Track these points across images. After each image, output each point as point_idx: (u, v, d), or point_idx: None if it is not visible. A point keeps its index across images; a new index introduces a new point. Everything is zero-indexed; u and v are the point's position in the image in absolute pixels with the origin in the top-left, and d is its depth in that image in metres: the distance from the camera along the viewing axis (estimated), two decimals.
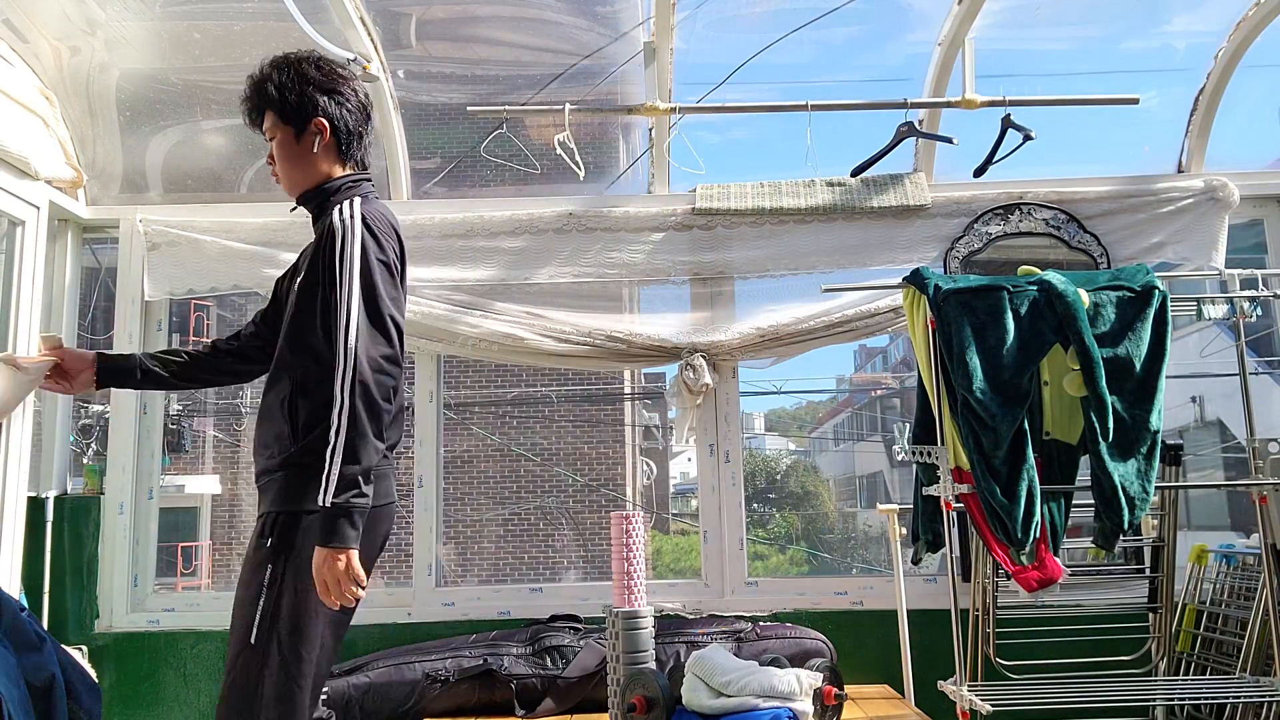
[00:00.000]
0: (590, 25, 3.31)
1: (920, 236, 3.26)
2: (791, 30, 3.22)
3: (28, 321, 3.01)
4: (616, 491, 11.13)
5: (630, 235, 3.26)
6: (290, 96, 1.95)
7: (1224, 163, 3.31)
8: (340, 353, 1.77)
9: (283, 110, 1.96)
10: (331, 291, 1.84)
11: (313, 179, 1.99)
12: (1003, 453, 2.46)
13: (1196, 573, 3.11)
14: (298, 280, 1.96)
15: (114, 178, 3.39)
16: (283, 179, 1.99)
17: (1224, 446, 9.14)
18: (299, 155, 1.97)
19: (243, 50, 3.24)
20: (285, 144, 1.97)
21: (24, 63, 3.04)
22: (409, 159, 3.39)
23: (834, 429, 21.16)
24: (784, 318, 3.21)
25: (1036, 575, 2.49)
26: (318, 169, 1.99)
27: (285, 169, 1.98)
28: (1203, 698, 2.78)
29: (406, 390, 2.19)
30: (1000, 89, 3.09)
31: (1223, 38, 3.18)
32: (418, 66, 3.35)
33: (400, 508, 2.13)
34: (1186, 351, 6.62)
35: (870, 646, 3.06)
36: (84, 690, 2.53)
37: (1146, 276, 2.60)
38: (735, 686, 2.38)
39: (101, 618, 3.13)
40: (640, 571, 2.60)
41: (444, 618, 3.14)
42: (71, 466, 3.27)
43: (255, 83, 1.97)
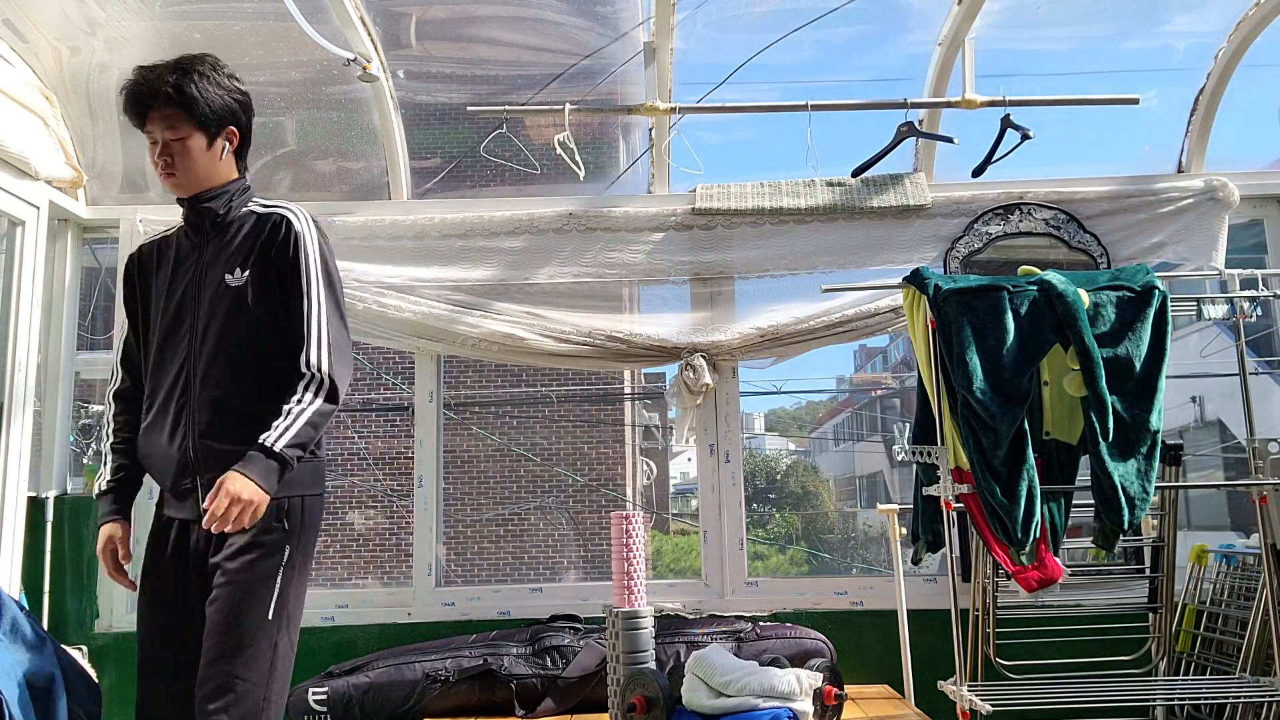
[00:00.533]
0: (590, 25, 3.31)
1: (920, 236, 3.26)
2: (791, 30, 3.22)
3: (28, 321, 3.01)
4: (616, 491, 11.13)
5: (630, 235, 3.26)
6: (212, 104, 1.99)
7: (1224, 163, 3.31)
8: (315, 361, 1.97)
9: (200, 116, 1.98)
10: (296, 296, 2.00)
11: (216, 179, 2.05)
12: (1003, 453, 2.46)
13: (1196, 573, 3.11)
14: (232, 275, 2.01)
15: (114, 178, 3.39)
16: (181, 177, 2.01)
17: (1224, 446, 9.14)
18: (209, 159, 2.03)
19: (243, 50, 3.24)
20: (196, 148, 2.00)
21: (24, 63, 3.04)
22: (409, 159, 3.39)
23: (834, 429, 21.16)
24: (784, 318, 3.21)
25: (1036, 575, 2.49)
26: (222, 171, 2.07)
27: (189, 168, 2.01)
28: (1203, 698, 2.78)
29: (406, 390, 2.22)
30: (1000, 89, 3.09)
31: (1223, 38, 3.18)
32: (418, 66, 3.35)
33: (400, 507, 2.15)
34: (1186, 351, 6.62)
35: (870, 646, 3.06)
36: (84, 690, 2.53)
37: (1146, 276, 2.60)
38: (735, 686, 2.39)
39: (101, 618, 3.13)
40: (640, 571, 2.59)
41: (444, 618, 3.14)
42: (71, 466, 3.27)
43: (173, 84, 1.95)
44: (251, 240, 2.03)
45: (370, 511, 11.15)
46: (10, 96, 2.90)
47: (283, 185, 3.60)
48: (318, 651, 3.08)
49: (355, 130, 3.43)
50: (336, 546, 11.10)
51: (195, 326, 2.00)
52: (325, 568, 11.05)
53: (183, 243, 2.10)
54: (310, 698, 2.80)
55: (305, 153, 3.58)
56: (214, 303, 2.00)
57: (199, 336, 1.99)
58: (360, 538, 11.10)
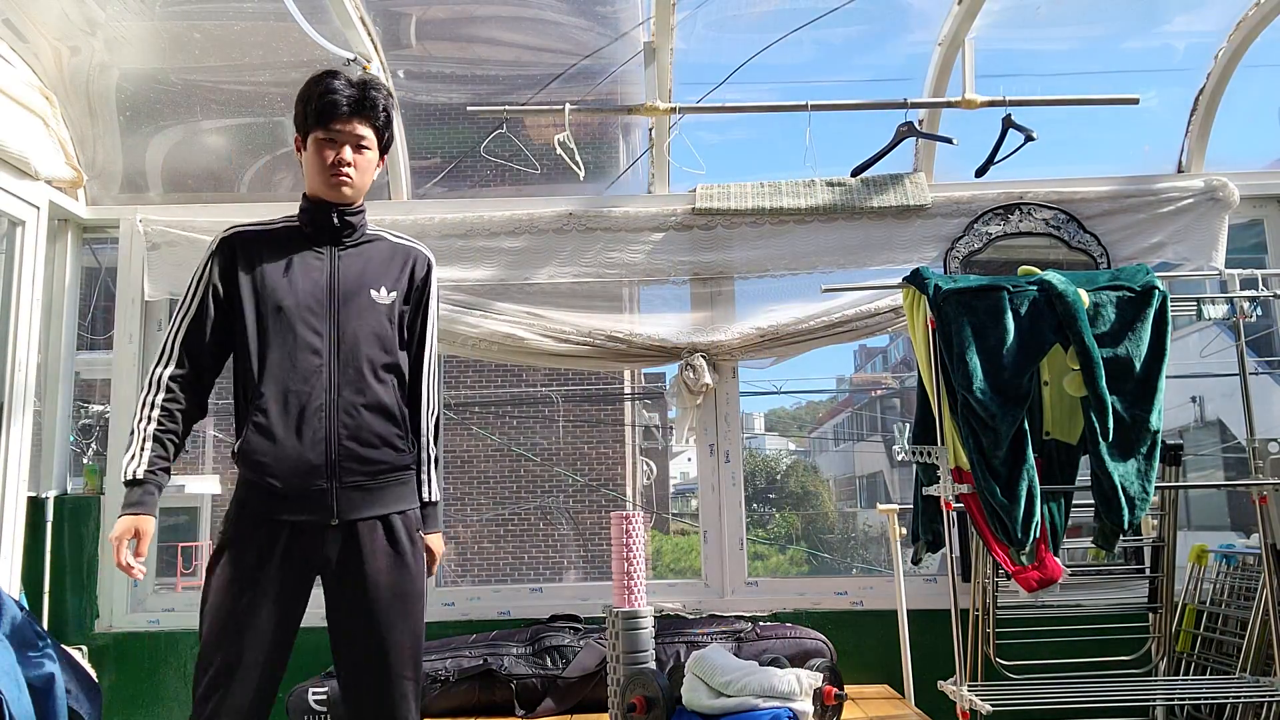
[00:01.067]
0: (590, 25, 3.31)
1: (920, 236, 3.26)
2: (791, 30, 3.22)
3: (28, 321, 3.01)
4: (616, 491, 11.13)
5: (630, 235, 3.26)
6: (391, 132, 2.14)
7: (1224, 163, 3.31)
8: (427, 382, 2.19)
9: (384, 140, 2.12)
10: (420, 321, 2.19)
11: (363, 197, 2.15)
12: (1003, 453, 2.46)
13: (1196, 573, 3.11)
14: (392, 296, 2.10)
15: (114, 178, 3.39)
16: (350, 187, 2.07)
17: (1224, 446, 9.14)
18: (371, 177, 2.13)
19: (243, 50, 3.24)
20: (371, 164, 2.10)
21: (24, 63, 3.04)
22: (409, 159, 3.39)
23: (834, 429, 21.17)
24: (784, 318, 3.21)
25: (1036, 575, 2.49)
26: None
27: (361, 182, 2.09)
28: (1203, 698, 2.78)
29: None
30: (1000, 89, 3.09)
31: (1223, 38, 3.18)
32: (418, 66, 3.35)
33: None
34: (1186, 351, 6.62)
35: (870, 646, 3.06)
36: (84, 690, 2.53)
37: (1146, 276, 2.60)
38: (735, 686, 2.39)
39: (101, 618, 3.13)
40: (640, 571, 2.60)
41: (444, 618, 3.14)
42: (71, 466, 3.27)
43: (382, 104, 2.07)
44: (398, 266, 2.13)
45: None
46: (10, 96, 2.90)
47: (283, 185, 3.60)
48: (318, 651, 3.07)
49: None
50: None
51: (334, 333, 2.01)
52: None
53: (295, 244, 2.08)
54: (310, 698, 2.80)
55: None
56: (360, 314, 2.04)
57: (339, 343, 2.01)
58: None
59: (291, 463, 1.95)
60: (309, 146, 2.04)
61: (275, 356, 1.99)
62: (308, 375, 1.98)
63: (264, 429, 1.96)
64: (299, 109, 2.05)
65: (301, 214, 2.10)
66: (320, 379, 1.98)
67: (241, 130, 3.49)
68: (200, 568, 11.78)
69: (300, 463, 1.95)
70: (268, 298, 2.01)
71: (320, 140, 2.02)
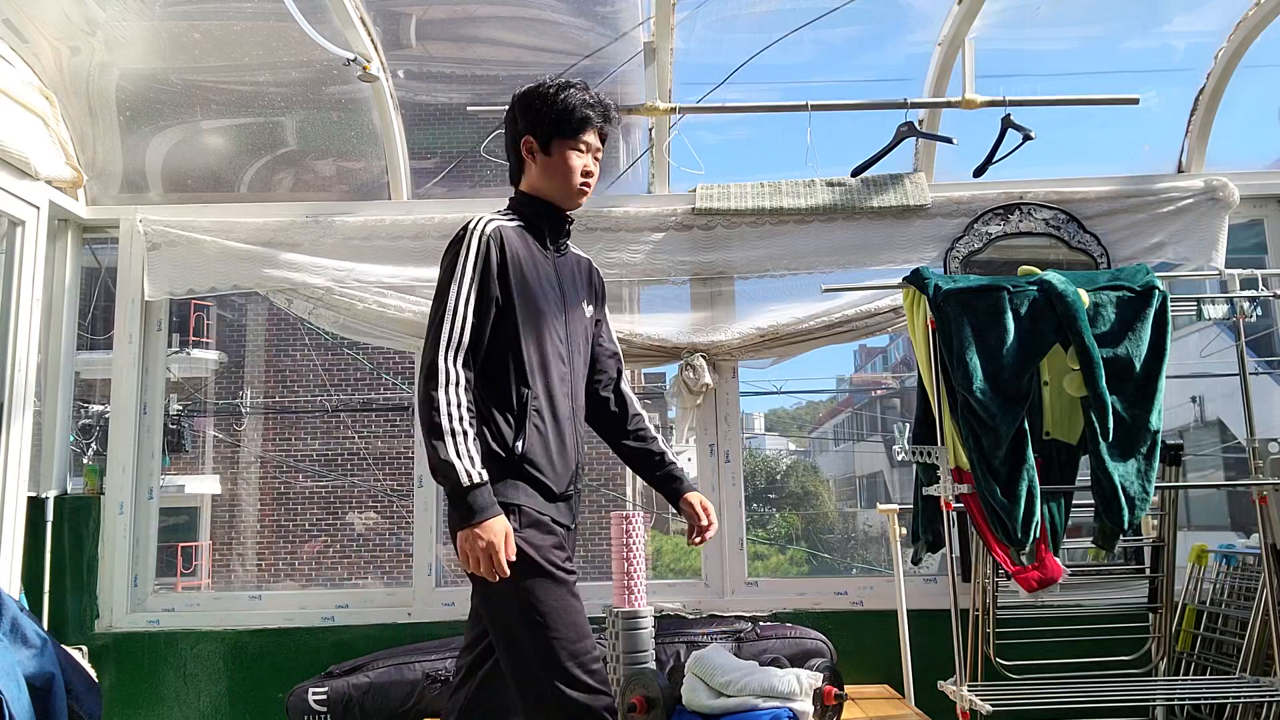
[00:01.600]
0: (590, 25, 3.31)
1: (920, 236, 3.26)
2: (791, 30, 3.21)
3: (28, 321, 3.01)
4: (616, 491, 11.12)
5: (630, 235, 3.26)
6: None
7: (1224, 163, 3.31)
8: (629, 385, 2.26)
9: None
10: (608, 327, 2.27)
11: None
12: (1003, 453, 2.46)
13: (1196, 573, 3.11)
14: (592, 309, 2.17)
15: (114, 178, 3.39)
16: (589, 194, 2.10)
17: (1224, 446, 9.15)
18: None
19: (243, 50, 3.24)
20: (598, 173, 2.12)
21: (24, 62, 3.04)
22: (409, 159, 3.39)
23: (834, 429, 21.16)
24: (784, 318, 3.21)
25: (1036, 575, 2.49)
26: None
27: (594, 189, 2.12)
28: (1203, 698, 2.78)
29: (406, 390, 2.24)
30: (1000, 89, 3.09)
31: (1223, 38, 3.18)
32: (418, 66, 3.35)
33: (400, 507, 2.15)
34: (1186, 351, 6.62)
35: (870, 646, 3.06)
36: (84, 690, 2.53)
37: (1146, 276, 2.60)
38: (735, 686, 2.38)
39: (101, 618, 3.13)
40: (640, 571, 2.59)
41: (444, 618, 3.14)
42: (71, 466, 3.27)
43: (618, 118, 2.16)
44: (584, 277, 2.18)
45: (370, 512, 11.15)
46: (10, 96, 2.90)
47: (283, 185, 3.60)
48: (318, 651, 3.08)
49: (355, 130, 3.43)
50: (337, 546, 11.11)
51: (568, 341, 2.05)
52: (325, 568, 11.06)
53: (534, 248, 2.05)
54: (310, 698, 2.80)
55: (305, 153, 3.59)
56: (580, 323, 2.11)
57: (571, 351, 2.05)
58: (360, 538, 11.11)
59: (559, 468, 1.98)
60: (554, 152, 2.03)
61: (537, 360, 1.97)
62: (560, 381, 2.01)
63: (541, 432, 1.95)
64: (544, 112, 2.02)
65: (534, 215, 2.07)
66: (566, 386, 2.03)
67: (241, 130, 3.49)
68: (200, 568, 11.79)
69: (565, 469, 2.00)
70: (529, 298, 1.98)
71: (569, 148, 2.03)
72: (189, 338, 12.07)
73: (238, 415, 11.96)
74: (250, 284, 3.24)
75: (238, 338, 12.21)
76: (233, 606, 3.25)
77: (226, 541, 11.56)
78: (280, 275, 3.20)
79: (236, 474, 11.76)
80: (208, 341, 12.37)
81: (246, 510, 11.48)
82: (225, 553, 11.62)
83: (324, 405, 11.52)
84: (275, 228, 3.25)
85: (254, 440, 11.73)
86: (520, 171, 2.10)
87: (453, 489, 1.79)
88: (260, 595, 3.31)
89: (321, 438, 11.44)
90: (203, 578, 11.64)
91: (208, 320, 12.36)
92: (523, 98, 2.06)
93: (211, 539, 11.89)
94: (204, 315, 12.26)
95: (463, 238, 1.96)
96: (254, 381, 11.93)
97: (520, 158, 2.08)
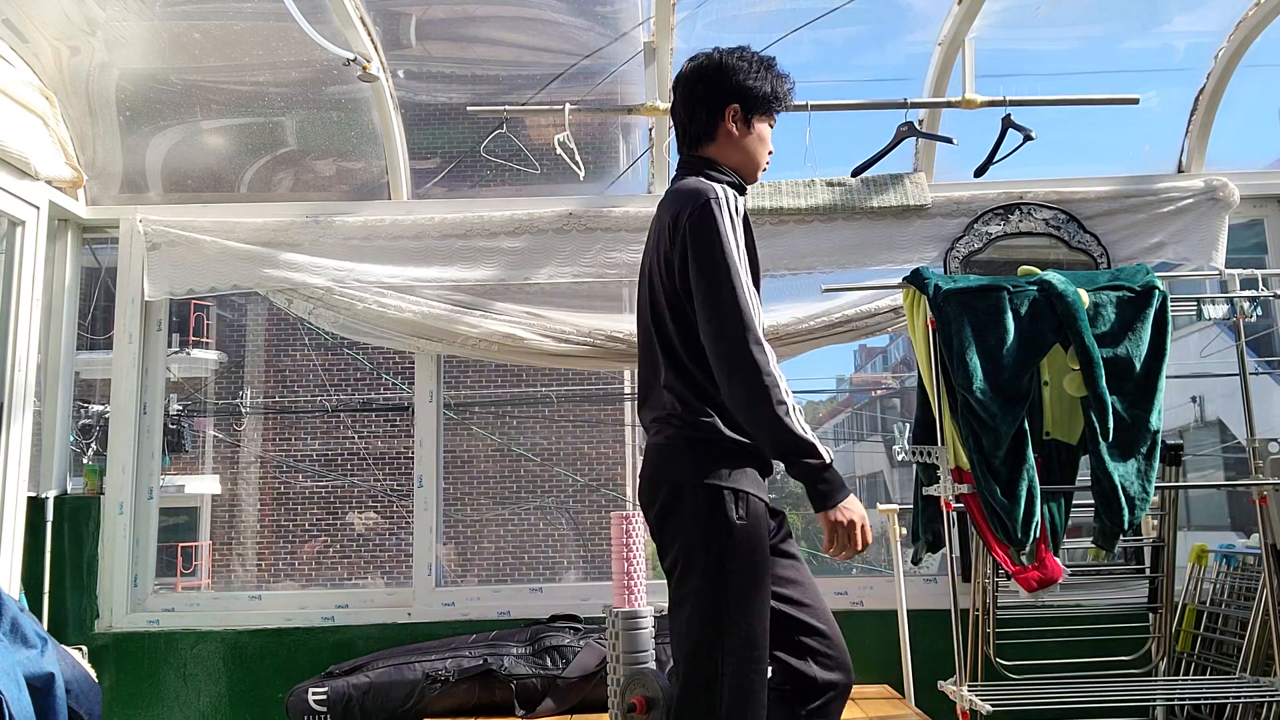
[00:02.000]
0: (590, 25, 3.31)
1: (920, 236, 3.26)
2: (791, 30, 3.21)
3: (28, 321, 3.01)
4: (616, 491, 11.12)
5: (630, 235, 3.26)
6: None
7: (1224, 163, 3.31)
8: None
9: None
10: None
11: None
12: (1003, 453, 2.46)
13: (1196, 573, 3.11)
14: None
15: (114, 178, 3.39)
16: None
17: (1224, 446, 9.15)
18: None
19: (243, 50, 3.24)
20: None
21: (24, 62, 3.04)
22: (409, 159, 3.39)
23: (834, 429, 21.15)
24: (784, 318, 3.20)
25: (1036, 575, 2.49)
26: None
27: None
28: (1203, 698, 2.78)
29: (406, 390, 2.19)
30: (1000, 89, 3.09)
31: (1223, 38, 3.18)
32: (418, 66, 3.35)
33: (400, 507, 2.13)
34: (1186, 351, 6.62)
35: (870, 646, 3.06)
36: (84, 690, 2.53)
37: (1146, 276, 2.60)
38: None
39: (101, 618, 3.13)
40: (640, 571, 2.59)
41: (444, 618, 3.14)
42: (71, 466, 3.27)
43: None
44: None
45: (370, 512, 11.15)
46: (10, 96, 2.90)
47: (283, 185, 3.60)
48: (318, 651, 3.08)
49: (355, 130, 3.43)
50: (337, 546, 11.11)
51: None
52: (325, 568, 11.06)
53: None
54: (310, 698, 2.80)
55: (305, 153, 3.58)
56: None
57: None
58: (360, 538, 11.11)
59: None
60: (755, 128, 1.97)
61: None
62: None
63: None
64: (754, 85, 1.94)
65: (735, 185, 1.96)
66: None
67: (241, 130, 3.49)
68: (200, 568, 11.79)
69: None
70: (757, 277, 1.92)
71: (767, 127, 2.00)
72: (189, 338, 12.08)
73: (238, 415, 11.97)
74: (250, 284, 3.24)
75: (238, 338, 12.21)
76: (233, 606, 3.25)
77: (226, 541, 11.57)
78: (280, 275, 3.20)
79: (236, 474, 11.76)
80: (208, 341, 12.37)
81: (246, 510, 11.48)
82: (225, 553, 11.63)
83: (324, 405, 11.52)
84: (275, 228, 3.25)
85: (254, 440, 11.73)
86: (706, 137, 1.97)
87: (817, 468, 1.71)
88: (260, 595, 3.31)
89: (321, 438, 11.44)
90: (203, 578, 11.64)
91: (208, 320, 12.37)
92: (728, 64, 1.94)
93: (211, 539, 11.90)
94: (204, 315, 12.27)
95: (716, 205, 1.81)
96: (254, 381, 11.93)
97: (713, 122, 1.95)
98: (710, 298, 1.77)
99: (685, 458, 1.83)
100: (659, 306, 1.90)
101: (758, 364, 1.72)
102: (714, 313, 1.76)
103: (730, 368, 1.74)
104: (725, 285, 1.76)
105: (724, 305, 1.75)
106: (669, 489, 1.85)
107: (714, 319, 1.76)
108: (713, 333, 1.76)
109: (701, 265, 1.78)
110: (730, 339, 1.74)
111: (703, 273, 1.78)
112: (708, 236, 1.79)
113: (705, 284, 1.77)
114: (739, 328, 1.73)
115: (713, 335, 1.77)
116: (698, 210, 1.81)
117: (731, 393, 1.75)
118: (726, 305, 1.75)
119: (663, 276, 1.88)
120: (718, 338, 1.76)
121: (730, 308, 1.74)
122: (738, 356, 1.73)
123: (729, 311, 1.75)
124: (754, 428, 1.75)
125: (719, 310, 1.75)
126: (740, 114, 1.94)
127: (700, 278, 1.78)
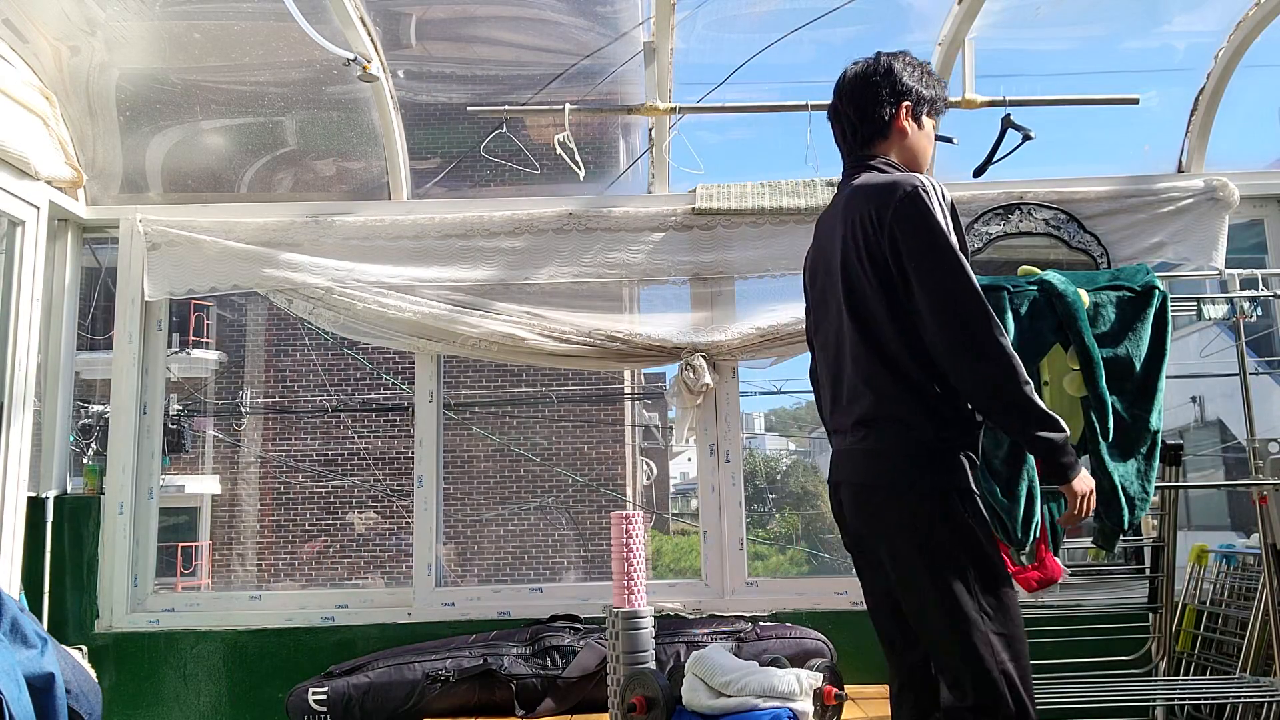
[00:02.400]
0: (590, 25, 3.31)
1: None
2: (791, 30, 3.21)
3: (28, 321, 3.01)
4: (616, 491, 11.13)
5: (630, 235, 3.26)
6: None
7: (1224, 163, 3.31)
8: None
9: None
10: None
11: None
12: (1003, 453, 2.46)
13: (1196, 573, 3.11)
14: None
15: (114, 178, 3.39)
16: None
17: (1224, 446, 9.16)
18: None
19: (243, 50, 3.24)
20: None
21: (24, 62, 3.04)
22: (409, 159, 3.39)
23: None
24: (784, 318, 3.20)
25: (1036, 575, 2.49)
26: None
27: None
28: (1203, 698, 2.78)
29: (406, 390, 2.19)
30: (1000, 89, 3.09)
31: (1223, 38, 3.18)
32: (418, 66, 3.35)
33: (400, 507, 2.12)
34: (1186, 351, 6.63)
35: (870, 646, 3.04)
36: (84, 690, 2.53)
37: (1146, 276, 2.60)
38: (735, 686, 2.39)
39: (101, 618, 3.13)
40: (640, 571, 2.60)
41: (444, 618, 3.14)
42: (71, 466, 3.27)
43: None
44: None
45: (370, 512, 11.16)
46: (10, 96, 2.90)
47: (283, 185, 3.60)
48: (318, 651, 3.08)
49: (355, 130, 3.43)
50: (337, 546, 11.12)
51: None
52: (325, 568, 11.07)
53: None
54: (310, 698, 2.80)
55: (305, 153, 3.59)
56: None
57: None
58: (360, 538, 11.12)
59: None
60: (925, 127, 2.01)
61: None
62: None
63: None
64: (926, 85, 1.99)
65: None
66: None
67: (241, 130, 3.49)
68: (200, 568, 11.79)
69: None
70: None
71: (933, 127, 2.03)
72: (189, 338, 12.08)
73: (238, 415, 11.97)
74: (250, 284, 3.24)
75: (238, 338, 12.22)
76: (233, 606, 3.25)
77: (226, 541, 11.58)
78: (280, 275, 3.20)
79: (236, 474, 11.77)
80: (208, 341, 12.38)
81: (246, 510, 11.49)
82: (225, 553, 11.64)
83: (324, 405, 11.53)
84: (275, 228, 3.25)
85: (254, 440, 11.74)
86: (880, 135, 1.99)
87: (1061, 444, 1.73)
88: (260, 595, 3.31)
89: (321, 438, 11.45)
90: (203, 578, 11.65)
91: (208, 320, 12.38)
92: (905, 62, 1.98)
93: (211, 539, 11.91)
94: (204, 315, 12.27)
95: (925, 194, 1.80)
96: (254, 381, 11.94)
97: (890, 118, 1.97)
98: (939, 285, 1.75)
99: (903, 461, 1.81)
100: (867, 304, 1.85)
101: (1002, 345, 1.72)
102: (947, 299, 1.74)
103: (976, 352, 1.73)
104: (955, 270, 1.74)
105: (958, 290, 1.74)
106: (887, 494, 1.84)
107: (948, 305, 1.74)
108: (947, 319, 1.74)
109: (923, 253, 1.76)
110: (970, 324, 1.73)
111: (924, 260, 1.76)
112: (926, 224, 1.77)
113: (929, 271, 1.76)
114: (978, 311, 1.72)
115: (947, 322, 1.74)
116: (908, 200, 1.79)
117: (977, 376, 1.74)
118: (961, 290, 1.74)
119: (867, 273, 1.84)
120: (955, 324, 1.74)
121: (966, 292, 1.73)
122: (982, 339, 1.72)
123: (966, 296, 1.73)
124: (1003, 408, 1.74)
125: (953, 296, 1.74)
126: (912, 111, 1.98)
127: (922, 266, 1.76)
